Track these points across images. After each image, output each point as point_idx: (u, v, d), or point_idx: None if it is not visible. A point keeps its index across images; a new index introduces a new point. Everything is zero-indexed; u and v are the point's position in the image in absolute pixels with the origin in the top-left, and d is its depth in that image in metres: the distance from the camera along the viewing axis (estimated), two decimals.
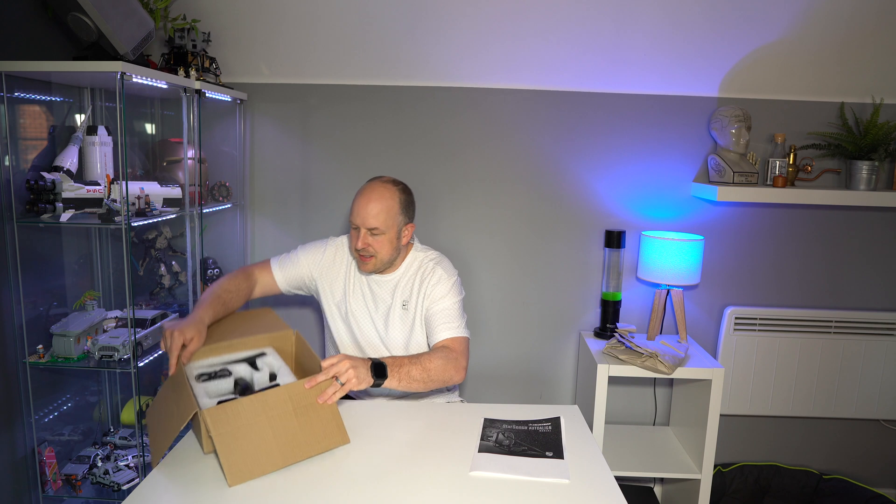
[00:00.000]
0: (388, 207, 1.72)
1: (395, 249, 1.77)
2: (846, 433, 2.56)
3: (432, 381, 1.57)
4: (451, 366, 1.62)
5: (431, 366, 1.58)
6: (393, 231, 1.74)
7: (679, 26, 2.25)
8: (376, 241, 1.72)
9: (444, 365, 1.60)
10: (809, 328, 2.42)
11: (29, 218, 1.74)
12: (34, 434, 1.84)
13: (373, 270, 1.78)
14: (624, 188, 2.43)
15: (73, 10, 1.63)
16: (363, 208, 1.71)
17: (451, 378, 1.62)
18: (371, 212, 1.70)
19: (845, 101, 2.32)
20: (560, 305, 2.50)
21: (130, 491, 1.28)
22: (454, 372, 1.63)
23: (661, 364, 2.06)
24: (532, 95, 2.38)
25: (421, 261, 1.83)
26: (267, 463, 1.22)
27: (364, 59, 2.35)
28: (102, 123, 1.99)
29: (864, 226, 2.44)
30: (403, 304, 1.80)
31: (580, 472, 1.28)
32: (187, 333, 1.44)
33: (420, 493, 1.18)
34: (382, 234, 1.72)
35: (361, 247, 1.72)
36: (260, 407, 1.25)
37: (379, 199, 1.71)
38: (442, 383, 1.60)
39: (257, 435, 1.23)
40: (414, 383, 1.54)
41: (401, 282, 1.82)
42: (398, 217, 1.74)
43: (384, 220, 1.71)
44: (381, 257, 1.74)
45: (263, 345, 1.53)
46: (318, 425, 1.30)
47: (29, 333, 1.79)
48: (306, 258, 1.88)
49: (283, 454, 1.24)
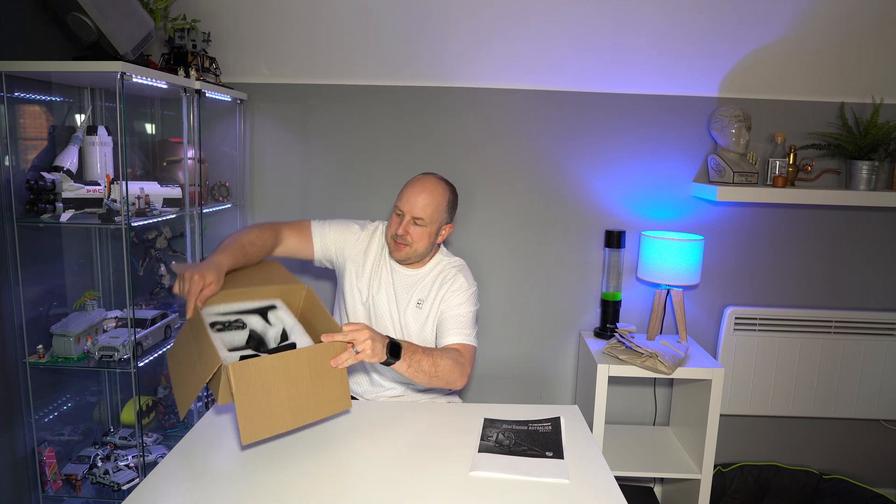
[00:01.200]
0: (438, 202, 1.76)
1: (431, 245, 1.80)
2: (846, 433, 2.56)
3: (438, 377, 1.57)
4: (458, 369, 1.63)
5: (441, 363, 1.58)
6: (435, 226, 1.77)
7: (679, 26, 2.25)
8: (417, 231, 1.75)
9: (452, 366, 1.61)
10: (809, 328, 2.42)
11: (29, 218, 1.74)
12: (34, 434, 1.84)
13: (403, 258, 1.80)
14: (624, 188, 2.43)
15: (73, 10, 1.63)
16: (414, 196, 1.75)
17: (454, 381, 1.62)
18: (421, 202, 1.74)
19: (845, 101, 2.32)
20: (560, 305, 2.50)
21: (130, 491, 1.28)
22: (459, 376, 1.63)
23: (661, 364, 2.06)
24: (532, 95, 2.38)
25: (445, 265, 1.85)
26: (278, 423, 1.23)
27: (364, 59, 2.35)
28: (102, 123, 1.99)
29: (864, 226, 2.44)
30: (418, 303, 1.81)
31: (580, 472, 1.28)
32: (207, 277, 1.41)
33: (420, 493, 1.18)
34: (425, 226, 1.75)
35: (402, 233, 1.74)
36: (281, 368, 1.25)
37: (431, 191, 1.76)
38: (444, 383, 1.60)
39: (274, 396, 1.23)
40: (420, 374, 1.54)
41: (422, 281, 1.83)
42: (443, 214, 1.79)
43: (431, 213, 1.75)
44: (416, 248, 1.77)
45: (274, 296, 1.51)
46: (328, 389, 1.31)
47: (29, 333, 1.79)
48: (347, 234, 1.86)
49: (293, 416, 1.25)
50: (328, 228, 1.85)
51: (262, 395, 1.22)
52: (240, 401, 1.19)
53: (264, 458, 1.29)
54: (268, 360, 1.24)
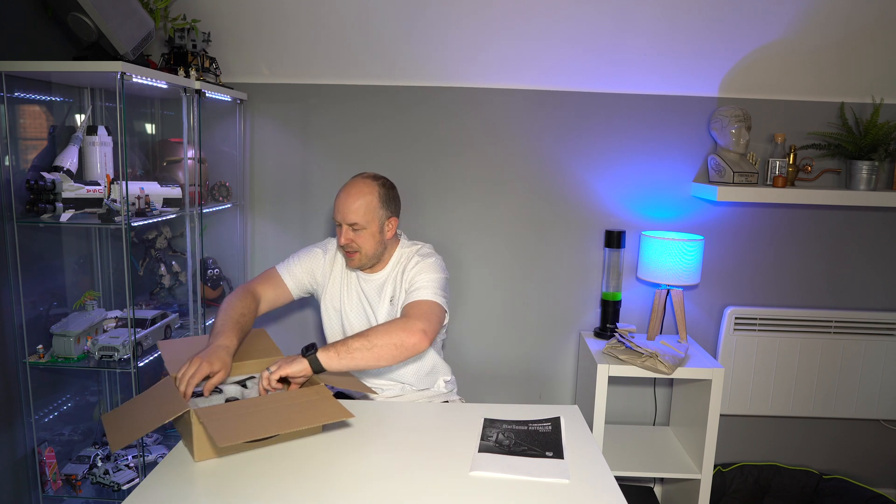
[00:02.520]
0: (368, 202, 1.74)
1: (378, 244, 1.78)
2: (846, 433, 2.56)
3: (376, 346, 1.51)
4: (399, 328, 1.56)
5: (372, 332, 1.54)
6: (374, 225, 1.75)
7: (679, 26, 2.25)
8: (359, 236, 1.74)
9: (387, 329, 1.56)
10: (809, 328, 2.42)
11: (29, 218, 1.74)
12: (34, 434, 1.84)
13: (359, 266, 1.80)
14: (624, 188, 2.43)
15: (73, 10, 1.63)
16: (343, 204, 1.74)
17: (401, 341, 1.54)
18: (351, 207, 1.73)
19: (845, 101, 2.32)
20: (560, 305, 2.50)
21: (130, 491, 1.28)
22: (404, 334, 1.54)
23: (661, 364, 2.06)
24: (532, 95, 2.38)
25: (407, 256, 1.84)
26: (257, 429, 1.24)
27: (364, 59, 2.35)
28: (102, 123, 1.99)
29: (864, 226, 2.44)
30: (391, 300, 1.81)
31: (580, 472, 1.28)
32: (215, 365, 1.42)
33: (420, 493, 1.18)
34: (364, 228, 1.74)
35: (345, 242, 1.75)
36: (251, 403, 1.29)
37: (358, 194, 1.74)
38: (394, 348, 1.53)
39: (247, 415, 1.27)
40: (356, 353, 1.50)
41: (388, 279, 1.84)
42: (379, 211, 1.76)
43: (364, 215, 1.73)
44: (366, 252, 1.76)
45: (255, 370, 1.56)
46: (313, 408, 1.33)
47: (29, 333, 1.79)
48: (312, 262, 1.88)
49: (275, 424, 1.27)
50: (294, 265, 1.87)
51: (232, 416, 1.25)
52: (206, 418, 1.21)
53: (264, 459, 1.29)
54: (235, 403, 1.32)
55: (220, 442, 1.16)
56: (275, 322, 2.51)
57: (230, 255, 2.45)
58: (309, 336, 2.53)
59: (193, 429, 1.24)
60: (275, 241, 2.49)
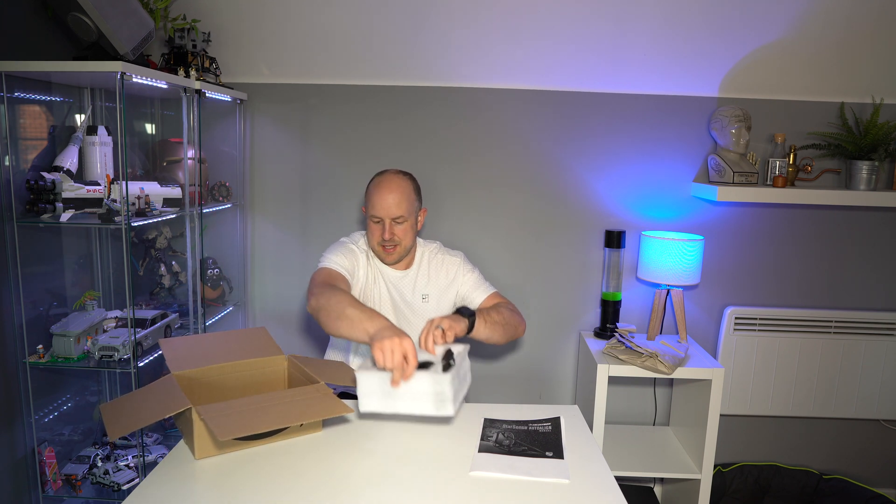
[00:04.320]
0: (407, 195, 1.80)
1: (414, 235, 1.85)
2: (846, 433, 2.56)
3: (508, 324, 1.72)
4: (517, 315, 1.80)
5: (504, 311, 1.74)
6: (413, 217, 1.82)
7: (679, 27, 2.25)
8: (400, 229, 1.79)
9: (511, 313, 1.77)
10: (809, 328, 2.42)
11: (29, 218, 1.74)
12: (34, 434, 1.84)
13: (397, 259, 1.83)
14: (624, 188, 2.43)
15: (73, 10, 1.63)
16: (385, 199, 1.77)
17: (518, 324, 1.78)
18: (393, 202, 1.77)
19: (845, 101, 2.32)
20: (560, 305, 2.50)
21: (130, 491, 1.28)
22: (520, 319, 1.79)
23: (661, 364, 2.06)
24: (532, 95, 2.38)
25: (429, 253, 1.92)
26: (258, 424, 1.23)
27: (365, 59, 2.35)
28: (102, 123, 1.99)
29: (864, 226, 2.44)
30: (423, 298, 1.87)
31: (580, 472, 1.28)
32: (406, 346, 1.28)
33: (420, 493, 1.18)
34: (405, 221, 1.79)
35: (388, 237, 1.78)
36: (252, 400, 1.29)
37: (397, 188, 1.79)
38: (514, 329, 1.75)
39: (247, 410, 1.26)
40: (497, 327, 1.68)
41: (418, 277, 1.88)
42: (415, 203, 1.83)
43: (406, 208, 1.78)
44: (405, 244, 1.81)
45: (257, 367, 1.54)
46: (313, 404, 1.33)
47: (29, 333, 1.79)
48: (350, 254, 1.81)
49: (276, 420, 1.27)
50: (340, 259, 1.77)
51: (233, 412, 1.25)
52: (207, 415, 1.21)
53: (264, 458, 1.29)
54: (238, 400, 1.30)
55: (221, 436, 1.16)
56: (275, 322, 2.51)
57: (230, 255, 2.45)
58: (311, 334, 2.53)
59: (194, 425, 1.25)
60: (275, 241, 2.49)
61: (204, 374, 1.46)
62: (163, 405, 1.29)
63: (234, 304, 2.43)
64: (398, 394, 1.26)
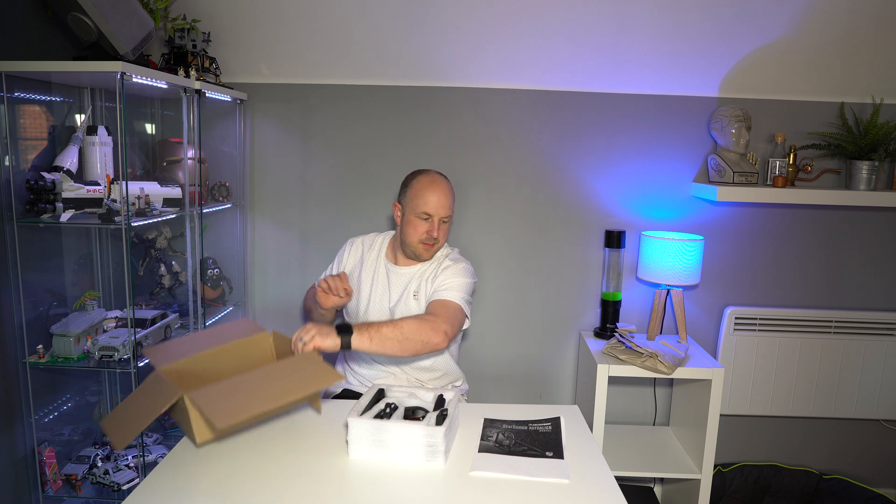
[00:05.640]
0: (454, 198, 1.93)
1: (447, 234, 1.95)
2: (846, 433, 2.56)
3: (407, 339, 1.57)
4: (428, 326, 1.62)
5: (405, 324, 1.60)
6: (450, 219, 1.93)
7: (679, 26, 2.25)
8: (444, 227, 1.90)
9: (419, 325, 1.61)
10: (809, 328, 2.42)
11: (29, 218, 1.74)
12: (34, 434, 1.84)
13: (433, 254, 1.92)
14: (624, 188, 2.43)
15: (73, 10, 1.63)
16: (441, 200, 1.86)
17: (429, 339, 1.61)
18: (448, 202, 1.88)
19: (845, 101, 2.32)
20: (560, 305, 2.50)
21: (130, 491, 1.28)
22: (431, 333, 1.61)
23: (661, 364, 2.06)
24: (532, 95, 2.38)
25: (440, 256, 1.95)
26: (253, 403, 1.20)
27: (364, 58, 2.35)
28: (102, 123, 1.99)
29: (864, 226, 2.44)
30: (414, 294, 1.88)
31: (580, 472, 1.28)
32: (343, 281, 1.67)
33: (420, 493, 1.18)
34: (448, 221, 1.91)
35: (437, 235, 1.86)
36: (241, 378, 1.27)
37: (449, 190, 1.90)
38: (420, 344, 1.60)
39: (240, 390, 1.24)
40: (387, 342, 1.55)
41: (415, 275, 1.90)
42: None
43: (453, 208, 1.92)
44: (442, 241, 1.92)
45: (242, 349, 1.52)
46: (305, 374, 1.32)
47: (29, 333, 1.79)
48: (339, 262, 2.02)
49: (271, 397, 1.24)
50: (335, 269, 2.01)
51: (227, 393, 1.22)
52: (200, 399, 1.19)
53: (265, 458, 1.29)
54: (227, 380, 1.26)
55: (219, 423, 1.13)
56: (275, 322, 2.51)
57: (230, 255, 2.45)
58: None
59: (190, 413, 1.23)
60: (275, 241, 2.49)
61: (191, 364, 1.43)
62: (155, 401, 1.27)
63: (234, 304, 2.43)
64: (389, 442, 1.28)
